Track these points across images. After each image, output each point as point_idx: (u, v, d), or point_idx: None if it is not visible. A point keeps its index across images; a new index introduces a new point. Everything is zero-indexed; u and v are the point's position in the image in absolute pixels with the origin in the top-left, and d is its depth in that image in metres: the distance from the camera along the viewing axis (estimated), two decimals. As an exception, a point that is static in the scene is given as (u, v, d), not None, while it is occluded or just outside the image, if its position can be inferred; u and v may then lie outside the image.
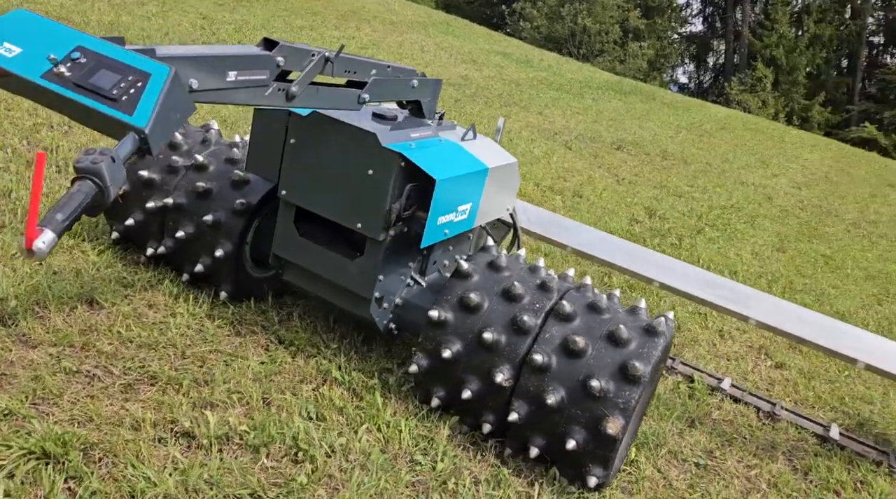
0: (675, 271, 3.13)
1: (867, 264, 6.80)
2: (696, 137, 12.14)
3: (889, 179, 13.61)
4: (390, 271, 2.47)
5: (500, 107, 10.03)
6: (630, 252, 3.21)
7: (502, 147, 2.88)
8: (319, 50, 2.03)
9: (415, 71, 2.50)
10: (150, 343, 2.44)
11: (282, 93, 1.94)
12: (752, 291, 2.92)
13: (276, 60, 1.88)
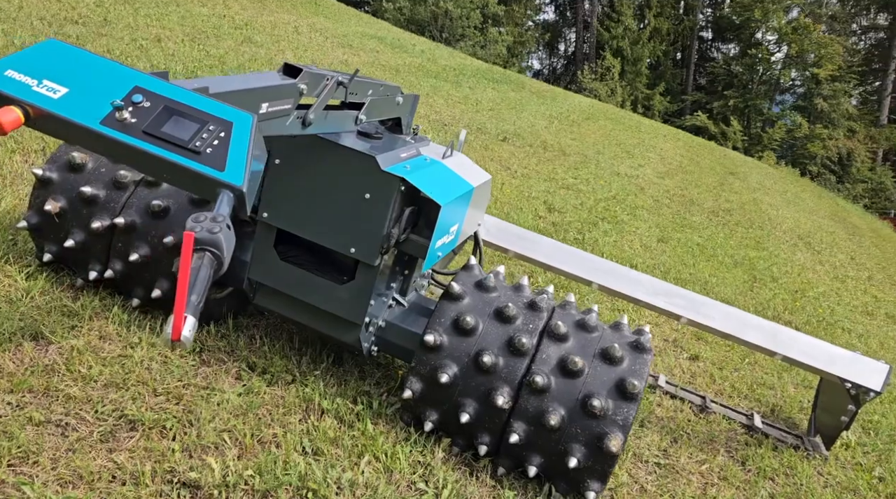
0: (615, 275, 3.29)
1: (732, 252, 7.49)
2: (567, 127, 12.70)
3: (729, 168, 14.99)
4: (376, 294, 2.42)
5: (386, 95, 9.94)
6: (573, 257, 3.32)
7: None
8: (333, 74, 1.94)
9: (399, 88, 2.45)
10: (117, 382, 2.24)
11: (299, 120, 1.83)
12: (698, 297, 3.14)
13: (300, 88, 1.78)
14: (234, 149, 1.37)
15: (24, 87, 1.40)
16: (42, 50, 1.46)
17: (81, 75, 1.42)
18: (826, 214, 13.47)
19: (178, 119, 1.38)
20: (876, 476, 3.23)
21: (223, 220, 1.29)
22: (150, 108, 1.38)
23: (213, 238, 1.26)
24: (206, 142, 1.37)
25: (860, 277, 8.41)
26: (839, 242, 10.45)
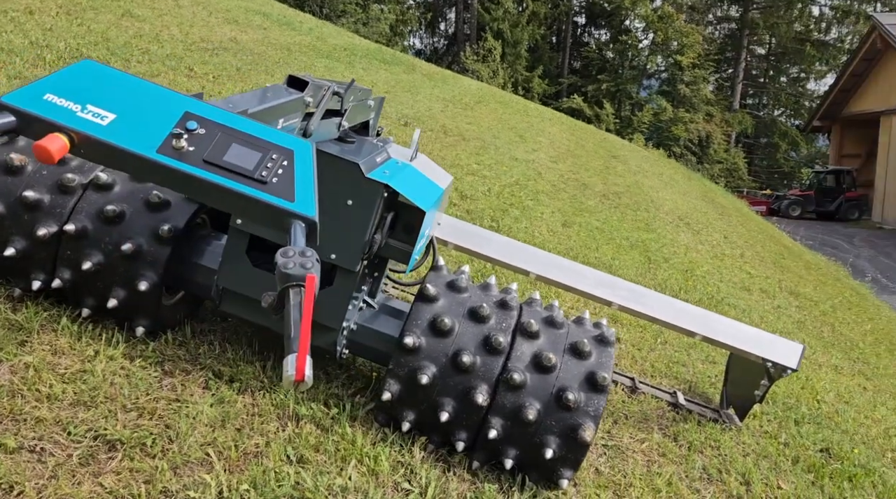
0: (552, 265, 3.44)
1: (627, 234, 7.94)
2: (462, 111, 12.87)
3: (611, 151, 15.77)
4: (352, 298, 2.42)
5: (282, 77, 9.67)
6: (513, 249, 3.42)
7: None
8: (329, 83, 1.91)
9: (370, 91, 2.44)
10: (84, 400, 2.13)
11: (301, 131, 1.80)
12: (633, 286, 3.34)
13: (307, 101, 1.75)
14: (300, 178, 1.35)
15: (69, 113, 1.30)
16: (79, 71, 1.35)
17: (126, 99, 1.34)
18: (697, 195, 14.51)
19: (238, 147, 1.33)
20: (782, 442, 3.60)
21: (312, 254, 1.27)
22: (206, 135, 1.33)
23: (307, 274, 1.25)
24: (271, 171, 1.34)
25: (734, 255, 9.17)
26: (712, 222, 11.31)
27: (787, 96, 44.10)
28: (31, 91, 1.34)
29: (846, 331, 7.58)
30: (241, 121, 1.38)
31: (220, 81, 8.19)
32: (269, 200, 1.32)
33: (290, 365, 1.19)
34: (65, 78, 1.37)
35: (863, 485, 3.41)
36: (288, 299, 1.23)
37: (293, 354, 1.18)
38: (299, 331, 1.20)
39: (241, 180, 1.32)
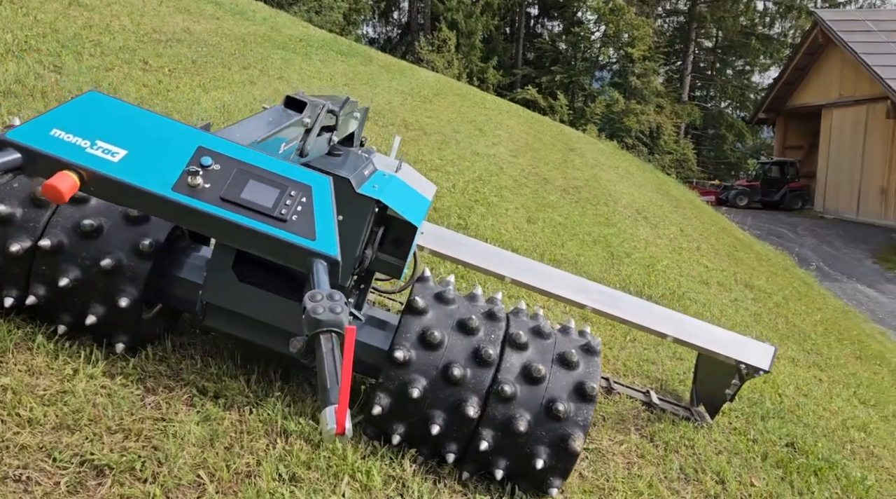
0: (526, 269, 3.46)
1: (589, 229, 8.05)
2: (421, 104, 12.81)
3: (568, 144, 15.93)
4: None
5: (241, 69, 9.48)
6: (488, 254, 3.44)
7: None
8: (323, 101, 1.87)
9: (356, 102, 2.40)
10: (67, 423, 2.06)
11: (299, 152, 1.77)
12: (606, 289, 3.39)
13: (306, 122, 1.71)
14: (320, 215, 1.32)
15: (78, 150, 1.24)
16: (85, 104, 1.29)
17: (136, 134, 1.28)
18: (652, 187, 14.78)
19: (255, 184, 1.29)
20: (750, 439, 3.71)
21: (340, 297, 1.24)
22: (221, 171, 1.28)
23: (338, 320, 1.22)
24: (290, 208, 1.30)
25: (691, 249, 9.38)
26: (668, 215, 11.55)
27: (733, 89, 45.20)
28: (36, 127, 1.27)
29: (798, 322, 7.84)
30: (257, 156, 1.34)
31: (177, 75, 7.98)
32: (289, 238, 1.28)
33: (330, 418, 1.16)
34: (71, 112, 1.31)
35: (828, 479, 3.54)
36: (319, 346, 1.20)
37: (331, 406, 1.15)
38: (335, 381, 1.18)
39: (260, 219, 1.28)
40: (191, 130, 1.38)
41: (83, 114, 1.31)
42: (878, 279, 21.16)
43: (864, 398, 5.60)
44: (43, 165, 1.23)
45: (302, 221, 1.31)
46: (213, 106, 6.94)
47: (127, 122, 1.32)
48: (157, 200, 1.25)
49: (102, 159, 1.26)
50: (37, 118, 1.30)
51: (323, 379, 1.20)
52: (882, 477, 3.91)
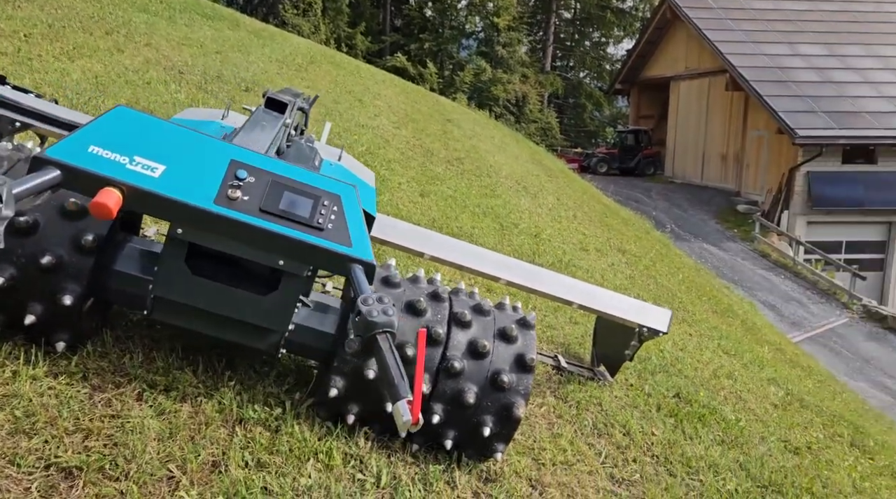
0: (447, 246, 3.63)
1: (478, 201, 8.32)
2: (297, 74, 12.52)
3: (445, 115, 16.16)
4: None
5: (105, 35, 8.84)
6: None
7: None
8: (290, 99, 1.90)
9: (303, 93, 2.42)
10: (23, 428, 2.00)
11: (276, 150, 1.79)
12: (525, 265, 3.62)
13: (287, 123, 1.75)
14: (352, 223, 1.37)
15: (119, 167, 1.21)
16: (116, 119, 1.26)
17: (170, 149, 1.27)
18: (527, 158, 15.37)
19: (290, 195, 1.32)
20: (645, 393, 4.13)
21: (389, 300, 1.32)
22: (256, 183, 1.30)
23: (390, 320, 1.30)
24: (325, 218, 1.35)
25: (569, 217, 9.94)
26: (545, 185, 12.11)
27: (591, 60, 47.31)
28: (73, 144, 1.22)
29: (665, 282, 8.58)
30: (286, 167, 1.37)
31: (34, 41, 7.37)
32: (330, 246, 1.34)
33: (405, 410, 1.25)
34: (104, 127, 1.27)
35: (710, 423, 4.02)
36: (378, 346, 1.28)
37: (403, 400, 1.24)
38: (401, 376, 1.27)
39: (300, 228, 1.33)
40: (221, 144, 1.38)
41: (116, 129, 1.29)
42: (720, 238, 23.33)
43: (726, 349, 6.29)
44: (85, 182, 1.20)
45: (337, 229, 1.37)
46: (83, 78, 6.50)
47: (159, 137, 1.31)
48: (201, 213, 1.27)
49: (144, 175, 1.26)
50: (73, 135, 1.26)
51: (389, 376, 1.29)
52: (750, 418, 4.48)
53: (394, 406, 1.29)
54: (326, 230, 1.40)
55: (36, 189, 1.31)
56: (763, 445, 3.98)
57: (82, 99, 5.67)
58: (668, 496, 2.96)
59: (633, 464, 3.19)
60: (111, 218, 1.24)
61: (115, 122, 1.34)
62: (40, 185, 1.28)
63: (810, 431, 4.66)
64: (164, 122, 1.40)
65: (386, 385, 1.30)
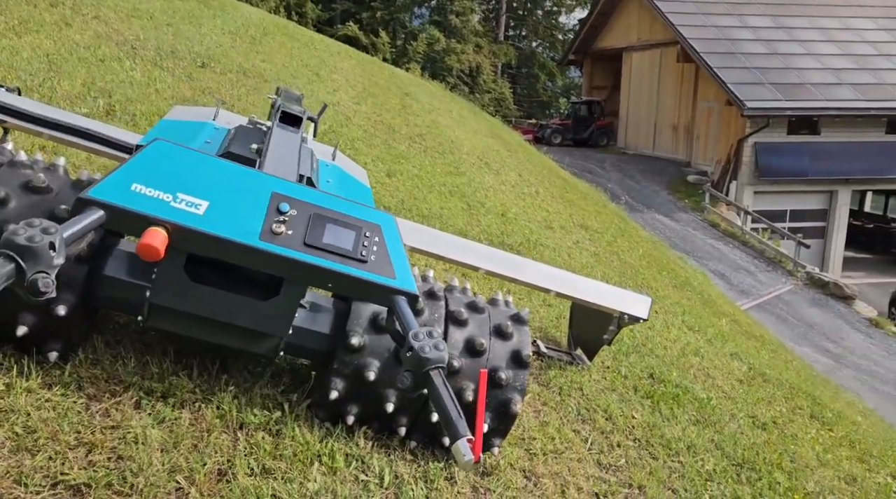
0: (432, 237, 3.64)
1: (443, 180, 8.31)
2: (251, 47, 12.18)
3: (402, 88, 15.98)
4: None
5: (49, 7, 8.43)
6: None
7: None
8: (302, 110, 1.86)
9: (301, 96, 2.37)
10: (25, 445, 1.96)
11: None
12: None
13: (304, 137, 1.71)
14: (394, 253, 1.36)
15: (163, 205, 1.17)
16: (156, 155, 1.22)
17: (212, 183, 1.23)
18: (487, 132, 15.35)
19: (332, 227, 1.30)
20: (622, 375, 4.24)
21: (438, 334, 1.31)
22: (299, 217, 1.28)
23: (443, 356, 1.29)
24: (368, 249, 1.33)
25: (532, 193, 10.02)
26: (506, 160, 12.15)
27: (543, 29, 47.26)
28: (116, 182, 1.17)
29: (628, 259, 8.76)
30: (326, 198, 1.34)
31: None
32: (374, 279, 1.33)
33: (466, 450, 1.26)
34: (145, 164, 1.22)
35: (684, 403, 4.16)
36: (432, 383, 1.27)
37: (463, 439, 1.25)
38: (458, 414, 1.27)
39: (344, 262, 1.31)
40: (260, 176, 1.34)
41: (157, 165, 1.24)
42: (672, 208, 23.84)
43: (690, 325, 6.49)
44: (130, 222, 1.16)
45: (380, 261, 1.36)
46: (34, 56, 6.20)
47: (200, 171, 1.27)
48: (247, 250, 1.24)
49: (188, 213, 1.22)
50: (114, 173, 1.20)
51: (446, 413, 1.29)
52: (719, 395, 4.65)
53: (453, 445, 1.30)
54: (370, 262, 1.39)
55: (82, 232, 1.27)
56: (733, 422, 4.15)
57: (36, 80, 5.43)
58: (653, 480, 3.07)
59: (618, 449, 3.29)
60: (159, 258, 1.21)
61: (156, 157, 1.29)
62: (86, 227, 1.24)
63: (774, 405, 4.86)
64: (203, 155, 1.36)
65: (443, 423, 1.31)
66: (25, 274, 1.24)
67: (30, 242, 1.23)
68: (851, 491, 3.82)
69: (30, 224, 1.26)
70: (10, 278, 1.23)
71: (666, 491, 3.03)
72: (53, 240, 1.24)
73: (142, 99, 6.17)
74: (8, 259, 1.23)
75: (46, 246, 1.25)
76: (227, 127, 2.59)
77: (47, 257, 1.23)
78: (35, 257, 1.22)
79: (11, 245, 1.23)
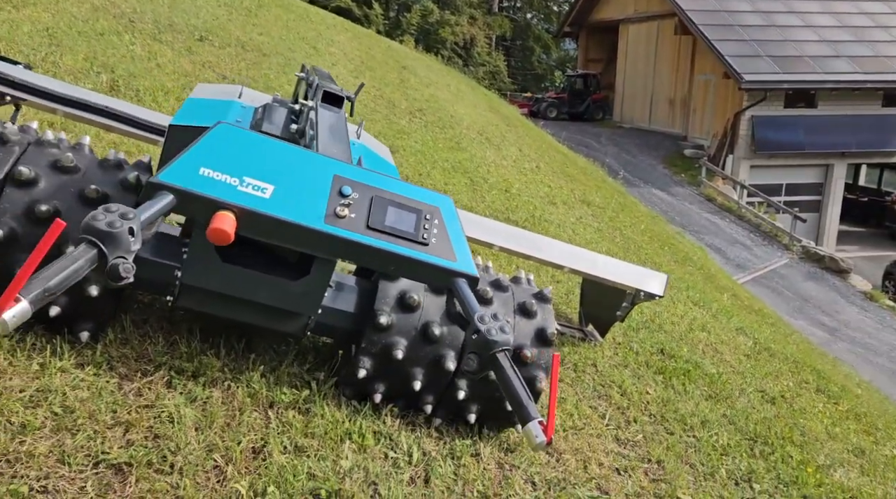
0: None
1: (446, 155, 8.28)
2: (247, 19, 12.02)
3: (399, 61, 15.83)
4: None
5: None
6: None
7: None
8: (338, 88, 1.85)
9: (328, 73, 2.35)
10: (65, 425, 1.97)
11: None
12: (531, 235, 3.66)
13: (345, 117, 1.70)
14: (454, 236, 1.36)
15: (230, 189, 1.17)
16: (220, 138, 1.21)
17: (276, 167, 1.22)
18: (485, 106, 15.27)
19: (394, 210, 1.30)
20: (634, 351, 4.28)
21: (503, 316, 1.32)
22: (360, 200, 1.27)
23: (508, 338, 1.30)
24: (429, 232, 1.33)
25: (533, 169, 10.00)
26: (506, 135, 12.10)
27: (538, 0, 46.73)
28: (184, 167, 1.16)
29: (630, 234, 8.79)
30: (386, 180, 1.34)
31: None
32: (436, 262, 1.33)
33: (539, 431, 1.27)
34: (211, 147, 1.21)
35: (695, 378, 4.20)
36: (500, 365, 1.28)
37: (534, 420, 1.25)
38: (528, 396, 1.28)
39: (406, 245, 1.31)
40: (322, 159, 1.33)
41: (222, 149, 1.23)
42: (668, 183, 23.85)
43: (695, 300, 6.53)
44: (199, 206, 1.15)
45: (441, 243, 1.36)
46: (34, 30, 6.11)
47: (264, 154, 1.26)
48: (313, 233, 1.24)
49: (255, 197, 1.22)
50: (182, 157, 1.19)
51: (516, 396, 1.30)
52: (727, 370, 4.70)
53: (524, 428, 1.31)
54: (431, 245, 1.39)
55: (155, 217, 1.28)
56: (743, 397, 4.20)
57: (39, 55, 5.36)
58: (670, 455, 3.12)
59: (635, 424, 3.33)
60: (230, 242, 1.21)
61: (221, 140, 1.28)
62: (159, 212, 1.24)
63: (781, 380, 4.93)
64: (265, 137, 1.35)
65: (514, 406, 1.32)
66: (107, 259, 1.25)
67: (111, 228, 1.24)
68: (861, 464, 3.90)
69: (108, 210, 1.27)
70: (94, 264, 1.24)
71: (683, 465, 3.08)
72: (133, 225, 1.25)
73: (144, 74, 6.09)
74: (90, 245, 1.24)
75: (126, 231, 1.26)
76: (253, 105, 2.57)
77: (127, 243, 1.24)
78: (116, 243, 1.23)
79: (93, 230, 1.24)
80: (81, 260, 1.24)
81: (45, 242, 1.04)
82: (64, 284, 1.17)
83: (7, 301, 1.04)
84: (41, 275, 1.15)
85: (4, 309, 1.04)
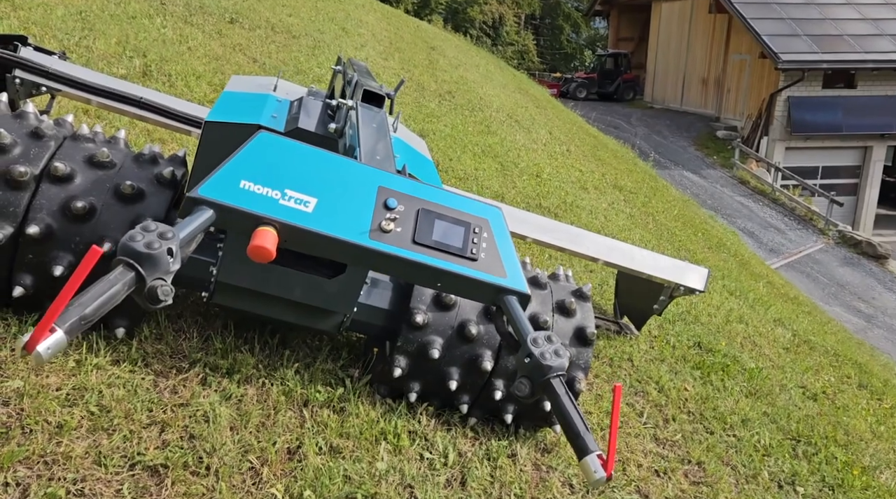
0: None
1: (476, 139, 8.18)
2: (276, 0, 11.96)
3: (428, 42, 15.68)
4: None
5: None
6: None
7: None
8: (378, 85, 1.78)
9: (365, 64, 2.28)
10: (101, 425, 1.95)
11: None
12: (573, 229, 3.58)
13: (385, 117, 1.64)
14: (504, 251, 1.30)
15: (272, 203, 1.12)
16: (260, 148, 1.15)
17: (319, 178, 1.17)
18: (514, 87, 15.07)
19: (440, 224, 1.24)
20: (670, 344, 4.18)
21: (558, 339, 1.26)
22: (406, 212, 1.21)
23: (564, 363, 1.24)
24: (478, 247, 1.27)
25: (563, 152, 9.85)
26: (535, 118, 11.93)
27: (569, -22, 45.94)
28: (223, 180, 1.11)
29: (664, 220, 8.62)
30: (431, 191, 1.28)
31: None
32: (485, 278, 1.27)
33: (597, 466, 1.20)
34: (251, 158, 1.16)
35: (734, 374, 4.10)
36: (554, 392, 1.22)
37: (592, 454, 1.19)
38: (586, 427, 1.22)
39: (455, 261, 1.25)
40: (366, 169, 1.28)
41: (263, 160, 1.18)
42: (700, 165, 23.42)
43: (731, 289, 6.40)
44: (240, 221, 1.11)
45: (490, 259, 1.30)
46: (68, 14, 6.11)
47: (306, 166, 1.20)
48: (357, 249, 1.19)
49: (297, 211, 1.16)
50: (221, 170, 1.15)
51: (573, 426, 1.24)
52: (767, 364, 4.59)
53: (582, 460, 1.24)
54: (480, 260, 1.33)
55: (194, 234, 1.23)
56: (784, 393, 4.09)
57: (73, 39, 5.35)
58: (711, 456, 3.04)
59: (673, 423, 3.25)
60: (272, 259, 1.16)
61: (261, 151, 1.23)
62: (198, 229, 1.20)
63: (822, 375, 4.80)
64: (307, 147, 1.29)
65: (570, 437, 1.25)
66: (146, 282, 1.21)
67: (149, 249, 1.20)
68: (907, 465, 3.78)
69: (146, 228, 1.22)
70: (132, 287, 1.20)
71: (725, 467, 3.00)
72: (171, 246, 1.21)
73: (175, 58, 6.07)
74: (128, 267, 1.20)
75: (165, 252, 1.21)
76: (288, 98, 2.52)
77: (166, 264, 1.20)
78: (155, 264, 1.19)
79: (131, 252, 1.20)
80: (119, 284, 1.20)
81: (81, 270, 1.00)
82: (101, 311, 1.13)
83: (42, 332, 1.00)
84: (77, 302, 1.10)
85: (39, 340, 1.00)
